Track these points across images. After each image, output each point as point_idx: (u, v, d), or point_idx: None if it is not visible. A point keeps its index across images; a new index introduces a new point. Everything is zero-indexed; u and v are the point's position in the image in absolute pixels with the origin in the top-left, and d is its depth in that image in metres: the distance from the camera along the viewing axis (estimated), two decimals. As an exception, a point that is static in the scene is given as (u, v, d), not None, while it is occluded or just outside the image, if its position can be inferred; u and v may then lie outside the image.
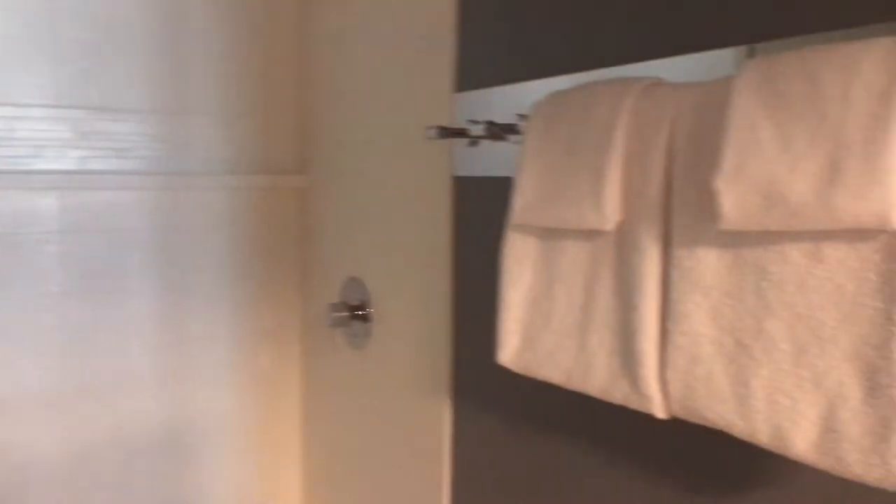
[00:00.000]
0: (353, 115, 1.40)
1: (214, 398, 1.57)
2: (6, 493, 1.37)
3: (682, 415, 0.61)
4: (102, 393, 1.45)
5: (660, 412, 0.63)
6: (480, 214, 1.08)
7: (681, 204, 0.62)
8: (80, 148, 1.43)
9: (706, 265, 0.59)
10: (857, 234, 0.51)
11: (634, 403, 0.65)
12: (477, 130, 0.96)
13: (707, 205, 0.59)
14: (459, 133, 1.02)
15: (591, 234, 0.70)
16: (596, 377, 0.69)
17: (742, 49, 0.72)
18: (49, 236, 1.41)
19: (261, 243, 1.61)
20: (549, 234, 0.74)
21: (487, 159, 1.06)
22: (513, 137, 1.00)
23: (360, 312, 1.39)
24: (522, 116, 0.97)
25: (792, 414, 0.52)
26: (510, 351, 0.77)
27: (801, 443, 0.51)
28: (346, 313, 1.40)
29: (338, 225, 1.49)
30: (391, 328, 1.29)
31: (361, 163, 1.38)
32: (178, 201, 1.52)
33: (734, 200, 0.54)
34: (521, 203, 0.74)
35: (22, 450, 1.39)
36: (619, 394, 0.66)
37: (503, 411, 1.04)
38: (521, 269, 0.76)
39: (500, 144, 1.03)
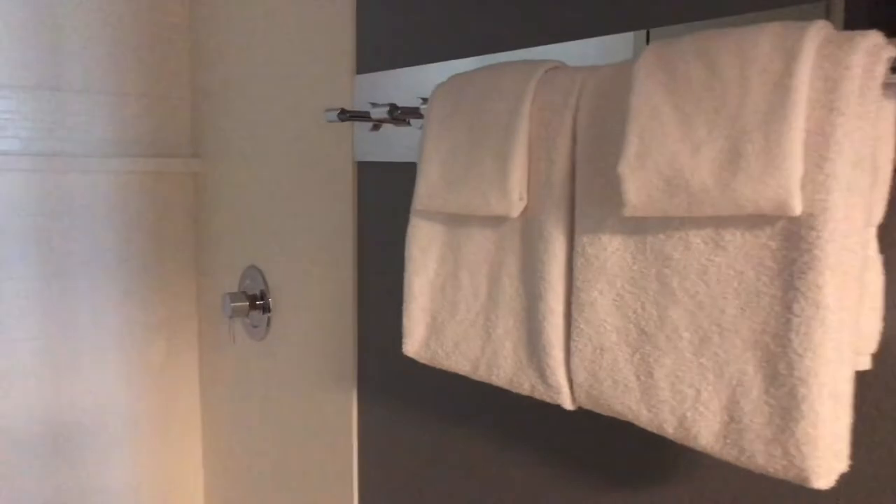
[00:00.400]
0: (250, 97, 1.33)
1: (105, 391, 1.48)
2: None
3: (589, 405, 0.60)
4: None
5: (567, 403, 0.62)
6: (384, 201, 1.05)
7: (585, 190, 0.60)
8: (-58, 127, 1.30)
9: (610, 252, 0.58)
10: (756, 221, 0.51)
11: (542, 394, 0.64)
12: (379, 113, 0.92)
13: (611, 191, 0.58)
14: (360, 116, 0.98)
15: (496, 221, 0.68)
16: (503, 368, 0.67)
17: (640, 34, 0.71)
18: None
19: (152, 230, 1.52)
20: (454, 221, 0.71)
21: (391, 144, 1.02)
22: (416, 121, 0.97)
23: (259, 302, 1.34)
24: (425, 100, 0.94)
25: (696, 404, 0.52)
26: (416, 342, 0.74)
27: (706, 434, 0.51)
28: (244, 303, 1.34)
29: (235, 212, 1.42)
30: (293, 318, 1.25)
31: (259, 147, 1.32)
32: (59, 185, 1.41)
33: (638, 186, 0.53)
34: (425, 188, 0.71)
35: None
36: (526, 384, 0.65)
37: (411, 403, 1.01)
38: (425, 257, 0.73)
39: (403, 129, 0.99)
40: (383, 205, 1.05)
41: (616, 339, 0.58)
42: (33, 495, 1.42)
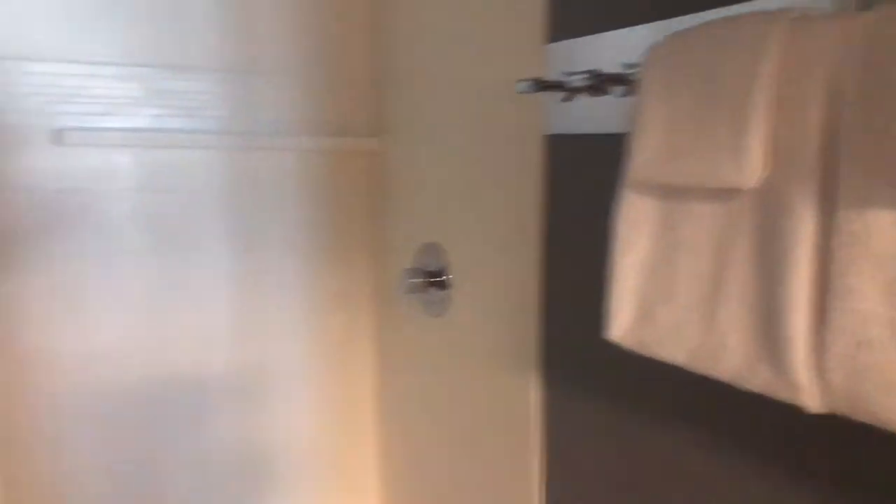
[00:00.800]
0: (434, 72, 1.32)
1: (288, 358, 1.55)
2: (93, 427, 1.40)
3: (842, 409, 0.52)
4: (177, 345, 1.45)
5: (812, 404, 0.54)
6: (576, 175, 0.99)
7: (849, 157, 0.51)
8: (152, 106, 1.40)
9: (879, 230, 0.49)
10: None
11: (779, 392, 0.56)
12: (577, 82, 0.86)
13: (887, 158, 0.49)
14: (555, 86, 0.92)
15: (726, 194, 0.60)
16: (728, 360, 0.59)
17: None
18: (123, 194, 1.39)
19: (333, 206, 1.55)
20: (673, 194, 0.64)
21: (584, 115, 0.96)
22: (616, 89, 0.90)
23: (437, 279, 1.32)
24: (630, 65, 0.87)
25: None
26: (622, 326, 0.68)
27: None
28: (421, 279, 1.34)
29: (414, 188, 1.41)
30: (472, 296, 1.22)
31: (441, 122, 1.30)
32: (249, 162, 1.48)
33: (933, 150, 0.44)
34: (641, 158, 0.64)
35: (106, 391, 1.40)
36: (757, 380, 0.57)
37: (603, 390, 0.95)
38: (636, 234, 0.67)
39: (597, 98, 0.93)
40: (575, 179, 0.99)
41: (884, 332, 0.49)
42: (222, 439, 1.51)
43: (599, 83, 0.88)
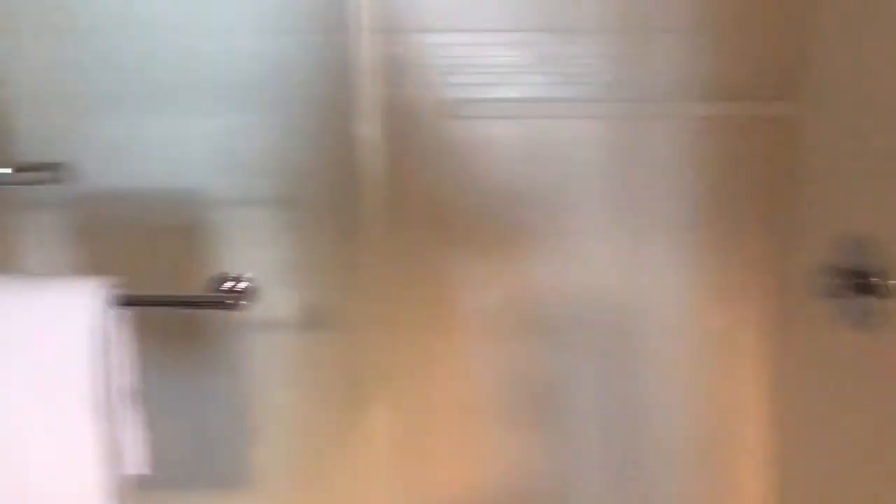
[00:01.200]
0: (874, 9, 1.04)
1: (665, 344, 1.43)
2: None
3: None
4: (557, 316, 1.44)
5: None
6: None
7: None
8: (538, 73, 1.37)
9: None
10: None
11: None
12: None
13: None
14: None
15: None
16: None
17: None
18: (511, 166, 1.37)
19: (729, 182, 1.37)
20: None
21: None
22: None
23: (867, 281, 1.06)
24: None
25: None
26: None
27: None
28: (843, 280, 1.10)
29: (839, 164, 1.16)
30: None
31: (881, 80, 1.02)
32: (635, 131, 1.37)
33: None
34: None
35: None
36: None
37: None
38: None
39: None
40: None
41: None
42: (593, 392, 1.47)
43: None
